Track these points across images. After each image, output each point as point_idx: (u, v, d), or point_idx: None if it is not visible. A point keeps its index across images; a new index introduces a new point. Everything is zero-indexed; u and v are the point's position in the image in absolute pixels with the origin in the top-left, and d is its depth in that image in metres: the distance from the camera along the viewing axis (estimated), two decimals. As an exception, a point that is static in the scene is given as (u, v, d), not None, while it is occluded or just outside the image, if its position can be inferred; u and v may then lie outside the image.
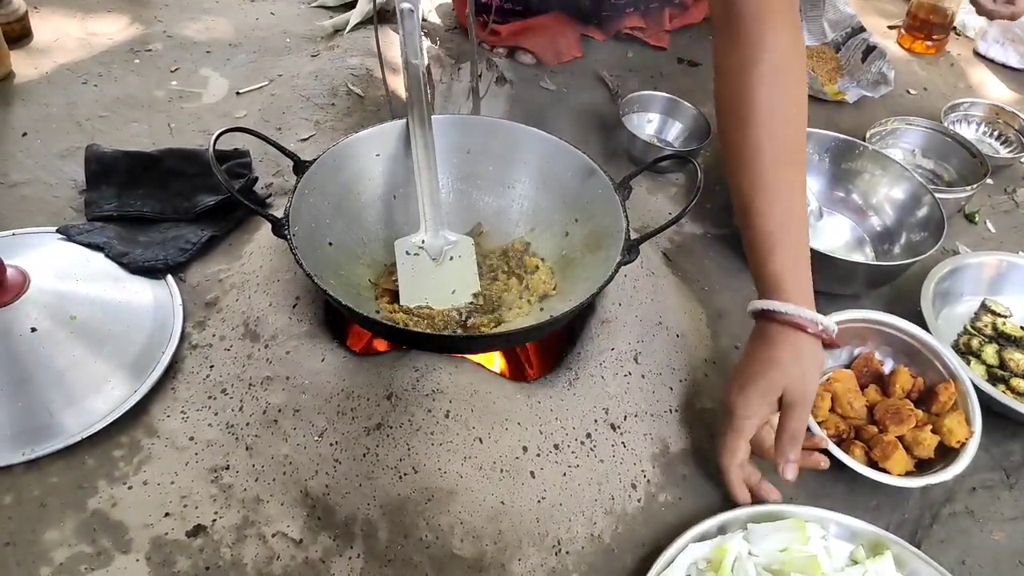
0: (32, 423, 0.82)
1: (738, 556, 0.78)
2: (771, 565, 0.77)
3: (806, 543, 0.78)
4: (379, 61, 1.12)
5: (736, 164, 0.87)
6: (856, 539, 0.82)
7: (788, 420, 0.80)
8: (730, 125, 0.88)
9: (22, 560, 0.74)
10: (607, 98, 1.47)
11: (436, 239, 0.93)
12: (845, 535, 0.82)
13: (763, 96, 0.84)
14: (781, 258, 0.82)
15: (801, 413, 0.80)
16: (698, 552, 0.79)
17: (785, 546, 0.79)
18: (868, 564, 0.79)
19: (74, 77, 1.37)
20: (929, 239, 1.11)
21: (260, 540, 0.78)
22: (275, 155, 1.17)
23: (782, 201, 0.84)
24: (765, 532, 0.80)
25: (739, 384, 0.82)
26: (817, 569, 0.75)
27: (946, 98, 1.57)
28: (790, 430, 0.80)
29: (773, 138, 0.84)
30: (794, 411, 0.80)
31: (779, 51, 0.85)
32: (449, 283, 0.93)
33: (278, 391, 0.86)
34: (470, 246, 0.95)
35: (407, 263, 0.92)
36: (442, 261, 0.93)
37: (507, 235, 1.03)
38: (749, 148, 0.85)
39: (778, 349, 0.80)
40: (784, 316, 0.80)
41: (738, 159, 0.87)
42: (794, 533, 0.79)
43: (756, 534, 0.80)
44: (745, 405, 0.81)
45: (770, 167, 0.84)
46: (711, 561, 0.78)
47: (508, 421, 0.83)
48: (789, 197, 0.85)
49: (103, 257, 0.98)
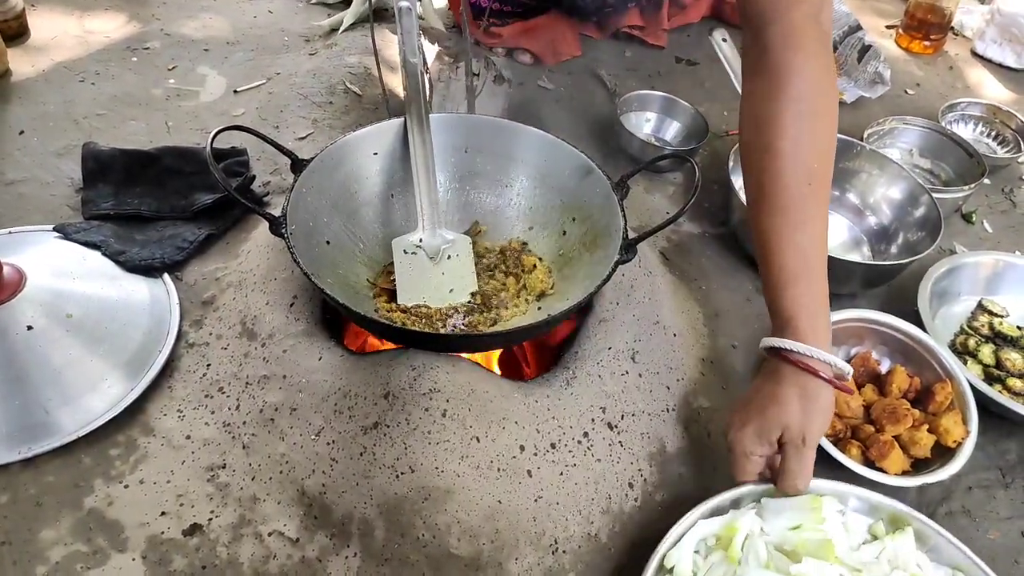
0: (28, 421, 0.82)
1: (749, 534, 0.75)
2: (783, 545, 0.74)
3: (821, 522, 0.74)
4: (375, 60, 1.12)
5: (757, 192, 0.83)
6: (876, 513, 0.79)
7: (787, 460, 0.76)
8: (753, 151, 0.84)
9: (18, 559, 0.74)
10: (605, 97, 1.47)
11: (434, 238, 0.93)
12: (864, 509, 0.80)
13: (789, 123, 0.80)
14: (797, 295, 0.78)
15: (800, 454, 0.75)
16: (708, 528, 0.76)
17: (798, 524, 0.75)
18: (887, 540, 0.76)
19: (71, 75, 1.37)
20: (926, 239, 1.11)
21: (256, 539, 0.78)
22: (273, 153, 1.17)
23: (803, 235, 0.79)
24: (778, 508, 0.77)
25: (740, 420, 0.79)
26: (831, 552, 0.71)
27: (944, 98, 1.57)
28: (789, 471, 0.76)
29: (797, 168, 0.80)
30: (793, 452, 0.76)
31: (808, 80, 0.80)
32: (447, 282, 0.93)
33: (275, 390, 0.86)
34: (468, 245, 0.95)
35: (405, 262, 0.92)
36: (440, 260, 0.93)
37: (505, 234, 1.03)
38: (771, 176, 0.80)
39: (783, 387, 0.77)
40: (795, 356, 0.76)
41: (759, 187, 0.82)
42: (808, 511, 0.75)
43: (769, 510, 0.77)
44: (741, 442, 0.78)
45: (793, 199, 0.80)
46: (720, 538, 0.76)
47: (505, 420, 0.83)
48: (812, 232, 0.80)
49: (100, 255, 0.98)
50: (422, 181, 0.92)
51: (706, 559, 0.75)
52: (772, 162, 0.80)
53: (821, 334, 0.78)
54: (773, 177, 0.80)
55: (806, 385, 0.76)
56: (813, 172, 0.80)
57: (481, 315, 0.92)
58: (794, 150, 0.80)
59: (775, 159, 0.80)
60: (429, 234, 0.93)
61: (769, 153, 0.81)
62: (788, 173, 0.80)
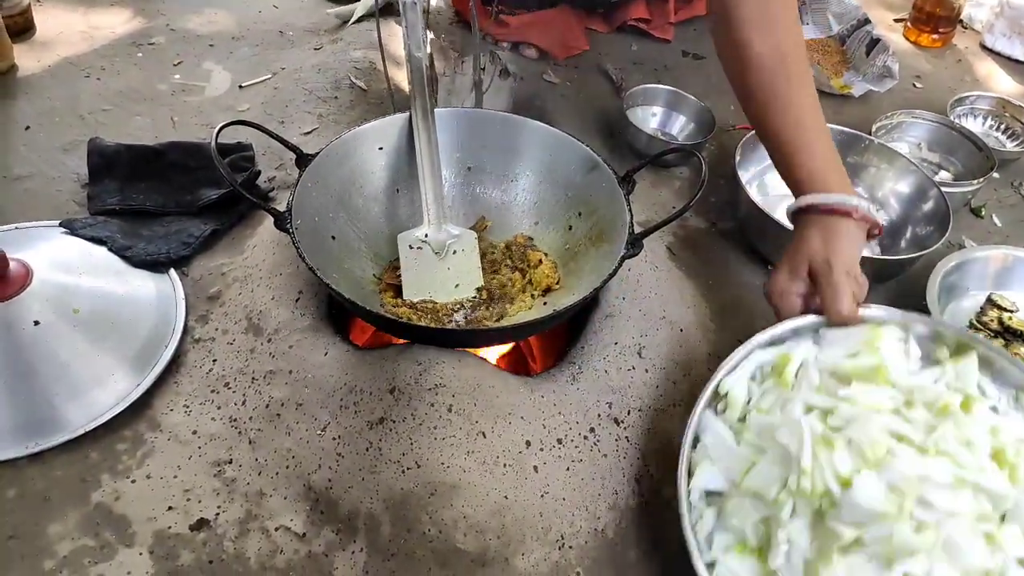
0: (36, 416, 0.82)
1: (804, 361, 0.75)
2: (837, 371, 0.73)
3: (877, 350, 0.73)
4: (381, 54, 1.11)
5: (743, 89, 0.91)
6: (940, 340, 0.78)
7: (821, 290, 0.80)
8: (730, 66, 0.92)
9: (26, 553, 0.75)
10: (611, 91, 1.46)
11: (439, 233, 0.93)
12: (929, 336, 0.79)
13: (753, 34, 0.87)
14: (805, 159, 0.85)
15: (829, 280, 0.78)
16: (764, 357, 0.76)
17: (855, 351, 0.74)
18: (948, 364, 0.75)
19: (77, 70, 1.37)
20: (935, 233, 1.10)
21: (263, 534, 0.78)
22: (278, 149, 1.16)
23: (795, 107, 0.86)
24: (836, 338, 0.76)
25: (773, 271, 0.85)
26: (883, 375, 0.71)
27: (952, 91, 1.56)
28: (825, 299, 0.79)
29: (773, 62, 0.87)
30: (824, 280, 0.79)
31: None
32: (452, 277, 0.93)
33: (281, 385, 0.86)
34: (473, 240, 0.95)
35: (410, 257, 0.92)
36: (445, 255, 0.93)
37: (511, 229, 1.03)
38: (752, 71, 0.88)
39: (807, 231, 0.83)
40: (813, 205, 0.82)
41: (743, 85, 0.90)
42: (867, 339, 0.75)
43: (827, 340, 0.77)
44: (776, 283, 0.83)
45: (777, 80, 0.87)
46: (775, 366, 0.75)
47: (511, 415, 0.82)
48: (800, 102, 0.86)
49: (106, 251, 0.98)
50: (427, 176, 0.92)
51: (760, 385, 0.75)
52: (749, 63, 0.88)
53: (834, 182, 0.83)
54: (755, 70, 0.88)
55: (826, 223, 0.82)
56: (789, 58, 0.87)
57: (487, 310, 0.91)
58: (761, 37, 0.87)
59: (750, 58, 0.87)
60: (435, 229, 0.93)
61: (744, 60, 0.88)
62: (766, 63, 0.87)
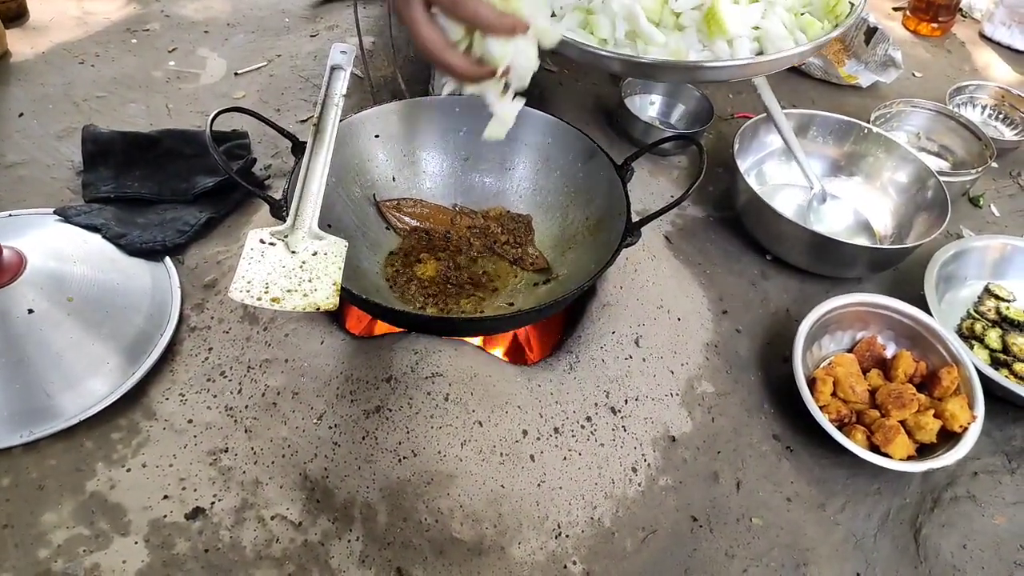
0: (30, 405, 0.82)
1: None
2: None
3: None
4: (359, 42, 1.11)
5: None
6: None
7: None
8: None
9: (20, 542, 0.74)
10: (609, 79, 1.46)
11: (300, 237, 0.77)
12: None
13: None
14: None
15: None
16: None
17: None
18: None
19: (71, 57, 1.36)
20: (933, 222, 1.10)
21: (259, 523, 0.78)
22: (274, 136, 1.16)
23: None
24: None
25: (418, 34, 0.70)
26: None
27: (951, 80, 1.55)
28: None
29: None
30: None
31: None
32: (304, 278, 0.74)
33: (277, 374, 0.85)
34: (342, 250, 0.77)
35: (257, 251, 0.74)
36: (301, 253, 0.76)
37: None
38: None
39: None
40: None
41: None
42: None
43: None
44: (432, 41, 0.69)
45: None
46: None
47: (508, 404, 0.82)
48: None
49: (101, 239, 0.97)
50: (311, 192, 0.80)
51: None
52: None
53: None
54: None
55: None
56: None
57: (484, 298, 0.91)
58: None
59: None
60: (300, 232, 0.77)
61: None
62: None
